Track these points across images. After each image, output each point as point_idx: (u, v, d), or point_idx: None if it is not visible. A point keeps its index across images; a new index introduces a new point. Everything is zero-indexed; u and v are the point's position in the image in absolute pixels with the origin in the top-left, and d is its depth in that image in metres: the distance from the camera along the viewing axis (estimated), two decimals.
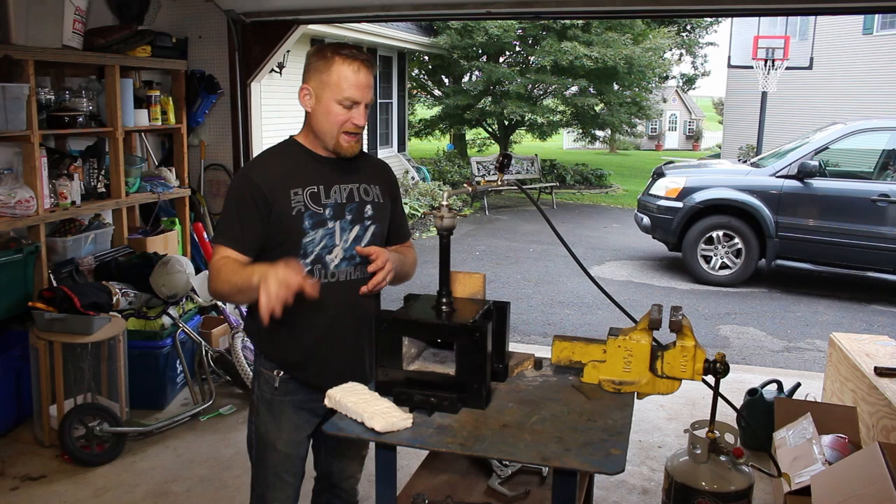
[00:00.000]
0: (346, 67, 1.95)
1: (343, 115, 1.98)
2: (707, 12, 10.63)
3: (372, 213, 2.11)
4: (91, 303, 3.60)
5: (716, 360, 1.81)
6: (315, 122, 2.03)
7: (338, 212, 2.05)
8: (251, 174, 2.03)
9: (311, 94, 2.01)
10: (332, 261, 2.05)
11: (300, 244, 2.01)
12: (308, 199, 2.02)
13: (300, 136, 2.11)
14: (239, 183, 2.05)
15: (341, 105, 1.97)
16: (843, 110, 13.09)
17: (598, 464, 1.54)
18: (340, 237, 2.05)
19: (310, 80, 2.01)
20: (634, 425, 1.80)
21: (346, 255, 2.07)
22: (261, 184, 1.99)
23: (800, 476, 2.79)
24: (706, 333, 6.13)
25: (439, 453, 2.09)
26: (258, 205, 1.99)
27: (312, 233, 2.01)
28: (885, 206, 7.10)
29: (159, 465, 3.50)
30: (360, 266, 2.08)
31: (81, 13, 3.95)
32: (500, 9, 4.27)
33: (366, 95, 1.99)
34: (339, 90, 1.96)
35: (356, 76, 1.96)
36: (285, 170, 2.04)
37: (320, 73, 1.98)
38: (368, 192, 2.12)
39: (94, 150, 4.23)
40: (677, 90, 32.86)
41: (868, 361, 3.49)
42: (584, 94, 16.21)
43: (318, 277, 2.01)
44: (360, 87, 1.97)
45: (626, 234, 10.77)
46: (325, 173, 2.06)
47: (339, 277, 2.06)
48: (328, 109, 1.98)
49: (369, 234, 2.10)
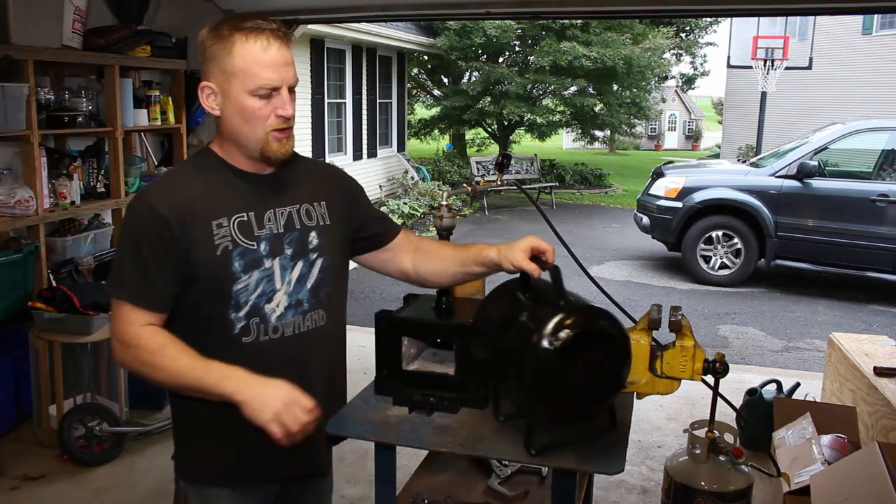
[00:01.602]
0: (252, 45, 1.48)
1: (263, 107, 1.50)
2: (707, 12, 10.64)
3: (318, 243, 1.64)
4: (91, 302, 3.60)
5: (715, 360, 1.81)
6: (229, 127, 1.55)
7: (275, 246, 1.57)
8: (154, 202, 1.50)
9: (213, 91, 1.53)
10: (274, 311, 1.57)
11: (229, 293, 1.52)
12: (236, 232, 1.53)
13: (215, 144, 1.61)
14: (138, 215, 1.51)
15: (256, 96, 1.49)
16: (842, 110, 13.09)
17: (598, 464, 1.54)
18: (282, 279, 1.58)
19: (210, 73, 1.53)
20: (634, 425, 1.80)
21: (290, 301, 1.59)
22: (167, 216, 1.49)
23: (799, 476, 2.79)
24: (705, 333, 6.13)
25: (439, 453, 2.09)
26: (168, 245, 1.49)
27: (245, 277, 1.53)
28: (884, 206, 7.10)
29: (159, 465, 3.50)
30: (311, 313, 1.63)
31: (81, 13, 3.94)
32: (500, 9, 4.27)
33: (286, 75, 1.51)
34: (249, 77, 1.48)
35: (266, 53, 1.48)
36: (202, 194, 1.53)
37: (220, 61, 1.50)
38: (311, 213, 1.65)
39: (94, 150, 4.23)
40: (677, 90, 32.83)
41: (867, 361, 3.49)
42: (583, 94, 16.20)
43: (257, 335, 1.56)
44: (276, 66, 1.49)
45: (625, 234, 10.78)
46: (253, 195, 1.58)
47: (285, 332, 1.59)
48: (241, 106, 1.50)
49: (316, 270, 1.63)
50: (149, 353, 1.49)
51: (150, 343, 1.49)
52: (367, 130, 13.09)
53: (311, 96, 10.99)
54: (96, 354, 3.70)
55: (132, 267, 1.51)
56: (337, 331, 1.74)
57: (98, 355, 3.71)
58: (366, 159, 12.97)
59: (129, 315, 1.51)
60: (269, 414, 1.42)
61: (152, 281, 1.51)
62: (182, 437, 1.69)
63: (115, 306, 1.54)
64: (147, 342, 1.49)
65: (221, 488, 1.64)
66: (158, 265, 1.50)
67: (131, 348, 1.51)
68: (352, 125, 12.49)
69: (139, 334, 1.50)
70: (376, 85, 13.44)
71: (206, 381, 1.46)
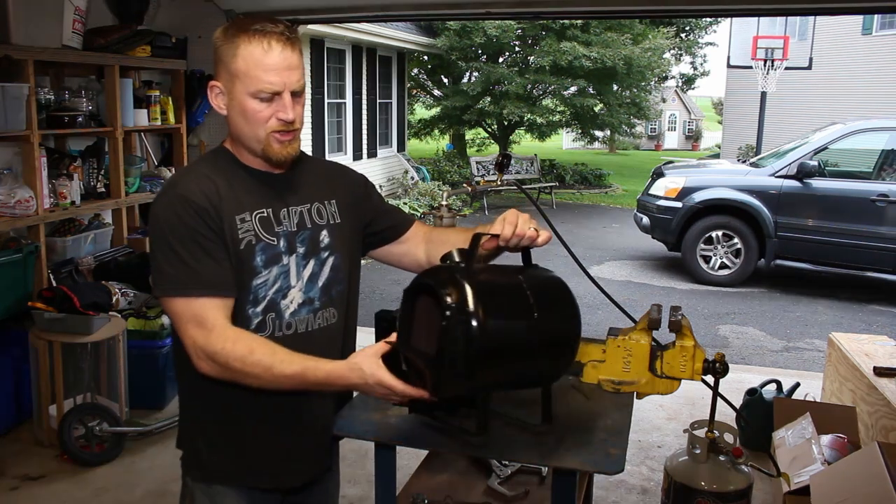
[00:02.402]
0: (255, 48, 1.48)
1: (264, 110, 1.51)
2: (707, 12, 10.64)
3: (329, 242, 1.65)
4: (91, 303, 3.60)
5: (715, 360, 1.81)
6: (234, 127, 1.57)
7: (290, 243, 1.59)
8: (186, 193, 1.50)
9: (221, 91, 1.55)
10: (288, 307, 1.59)
11: (249, 287, 1.54)
12: (259, 227, 1.55)
13: (228, 143, 1.63)
14: (173, 207, 1.50)
15: (258, 99, 1.50)
16: (842, 110, 13.10)
17: (598, 464, 1.54)
18: (296, 276, 1.60)
19: (218, 73, 1.56)
20: (634, 425, 1.80)
21: (304, 298, 1.61)
22: (203, 203, 1.50)
23: (799, 476, 2.79)
24: (705, 333, 6.13)
25: (439, 453, 2.09)
26: (214, 228, 1.50)
27: (265, 272, 1.55)
28: (884, 206, 7.10)
29: (159, 465, 3.50)
30: (322, 311, 1.64)
31: (81, 13, 3.94)
32: (500, 9, 4.27)
33: (289, 79, 1.50)
34: (251, 80, 1.49)
35: (268, 56, 1.48)
36: (225, 188, 1.55)
37: (227, 62, 1.52)
38: (322, 212, 1.66)
39: (94, 150, 4.23)
40: (677, 90, 32.84)
41: (867, 361, 3.49)
42: (583, 94, 16.21)
43: (272, 331, 1.57)
44: (278, 70, 1.49)
45: (625, 234, 10.78)
46: (269, 192, 1.60)
47: (298, 328, 1.60)
48: (243, 107, 1.51)
49: (327, 268, 1.65)
50: (240, 351, 1.44)
51: (247, 346, 1.45)
52: (367, 130, 13.10)
53: (312, 96, 10.99)
54: (96, 354, 3.71)
55: (188, 258, 1.47)
56: (348, 329, 1.74)
57: (98, 355, 3.71)
58: (366, 159, 12.97)
59: (206, 314, 1.45)
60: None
61: (217, 263, 1.48)
62: (190, 434, 1.68)
63: (183, 311, 1.47)
64: (246, 347, 1.44)
65: (229, 486, 1.64)
66: (216, 247, 1.49)
67: (219, 365, 1.45)
68: (352, 125, 12.49)
69: (225, 348, 1.44)
70: (376, 85, 13.44)
71: (330, 378, 1.46)
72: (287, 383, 1.46)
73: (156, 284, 1.52)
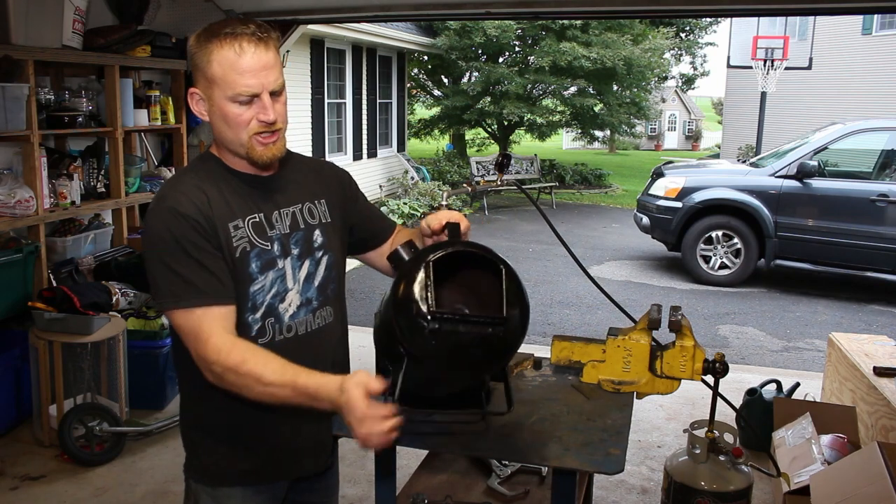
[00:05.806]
0: (227, 51, 1.46)
1: (244, 113, 1.50)
2: (707, 12, 10.64)
3: (322, 241, 1.66)
4: (91, 303, 3.60)
5: (715, 360, 1.81)
6: (217, 132, 1.56)
7: (284, 246, 1.59)
8: (175, 206, 1.49)
9: (201, 97, 1.54)
10: (287, 310, 1.60)
11: (246, 295, 1.54)
12: (252, 233, 1.55)
13: (214, 148, 1.62)
14: (165, 221, 1.49)
15: (237, 102, 1.49)
16: (842, 110, 13.11)
17: (598, 464, 1.54)
18: (293, 279, 1.60)
19: (196, 80, 1.54)
20: (634, 425, 1.80)
21: (301, 300, 1.62)
22: (194, 215, 1.49)
23: (799, 476, 2.79)
24: (705, 333, 6.13)
25: (439, 453, 2.10)
26: (208, 238, 1.50)
27: (261, 278, 1.56)
28: (883, 206, 7.10)
29: (159, 465, 3.50)
30: (320, 311, 1.66)
31: (81, 13, 3.95)
32: (500, 9, 4.27)
33: (266, 80, 1.49)
34: (227, 84, 1.48)
35: (241, 59, 1.46)
36: (215, 196, 1.53)
37: (203, 69, 1.50)
38: (314, 212, 1.67)
39: (94, 150, 4.24)
40: (676, 90, 32.84)
41: (867, 361, 3.50)
42: (583, 94, 16.21)
43: (272, 336, 1.58)
44: (253, 72, 1.47)
45: (625, 234, 10.78)
46: (259, 196, 1.59)
47: (298, 331, 1.61)
48: (224, 112, 1.50)
49: (322, 267, 1.66)
50: (238, 360, 1.43)
51: (245, 356, 1.43)
52: (367, 130, 13.09)
53: (311, 96, 10.99)
54: (97, 354, 3.71)
55: (183, 271, 1.47)
56: (342, 326, 1.76)
57: (98, 355, 3.71)
58: (366, 159, 12.97)
59: (202, 325, 1.45)
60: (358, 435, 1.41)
61: (211, 273, 1.48)
62: (193, 435, 1.68)
63: (183, 323, 1.47)
64: (243, 356, 1.43)
65: (233, 487, 1.65)
66: (209, 257, 1.49)
67: (217, 376, 1.45)
68: (352, 125, 12.49)
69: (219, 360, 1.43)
70: (376, 85, 13.44)
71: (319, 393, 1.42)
72: (280, 393, 1.44)
73: (154, 299, 1.53)
